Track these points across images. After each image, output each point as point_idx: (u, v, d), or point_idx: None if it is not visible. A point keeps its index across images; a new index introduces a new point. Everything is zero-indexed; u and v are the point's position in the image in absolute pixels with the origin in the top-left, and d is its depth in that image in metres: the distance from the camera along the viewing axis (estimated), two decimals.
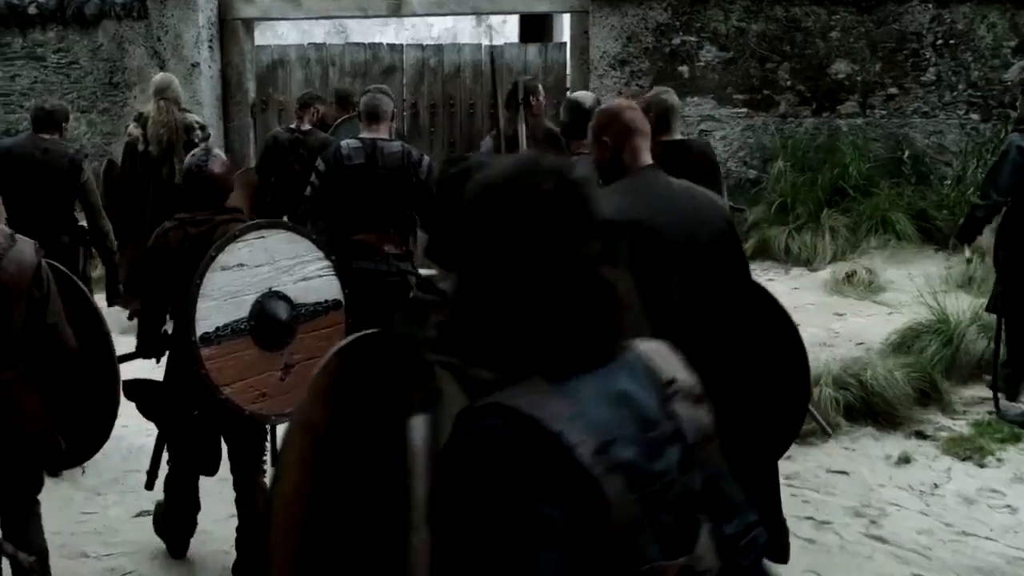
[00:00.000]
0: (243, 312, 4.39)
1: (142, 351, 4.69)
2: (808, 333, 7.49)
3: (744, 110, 10.00)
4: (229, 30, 11.47)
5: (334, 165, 5.68)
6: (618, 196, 3.49)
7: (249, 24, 11.56)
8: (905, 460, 5.56)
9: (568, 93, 10.57)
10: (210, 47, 11.35)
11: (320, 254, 4.70)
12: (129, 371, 4.56)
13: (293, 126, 8.83)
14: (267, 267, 4.49)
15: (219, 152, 4.85)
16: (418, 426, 1.98)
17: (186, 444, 4.62)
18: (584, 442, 1.71)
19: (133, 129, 8.47)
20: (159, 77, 8.77)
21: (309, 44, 11.86)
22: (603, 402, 1.79)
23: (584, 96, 5.44)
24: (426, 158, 5.82)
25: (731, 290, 3.67)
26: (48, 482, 5.49)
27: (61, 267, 4.16)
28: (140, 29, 11.44)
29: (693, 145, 5.91)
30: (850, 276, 8.44)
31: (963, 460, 5.52)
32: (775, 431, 4.14)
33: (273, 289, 4.50)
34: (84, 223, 6.66)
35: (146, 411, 4.68)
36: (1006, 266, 6.04)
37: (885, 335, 7.09)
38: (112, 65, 11.65)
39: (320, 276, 4.66)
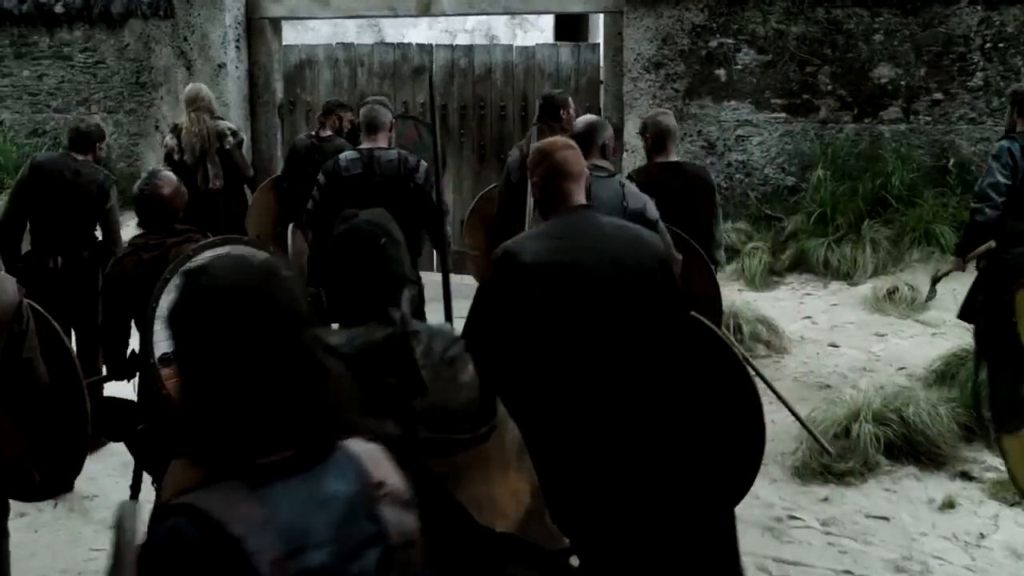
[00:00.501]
0: None
1: (112, 374, 4.88)
2: (847, 356, 7.28)
3: (783, 115, 9.68)
4: (256, 29, 11.27)
5: (332, 178, 5.87)
6: (542, 239, 3.58)
7: (276, 23, 11.35)
8: (949, 505, 5.28)
9: (601, 93, 10.32)
10: (237, 47, 11.16)
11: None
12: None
13: (314, 132, 8.78)
14: None
15: (166, 174, 4.98)
16: (128, 515, 1.97)
17: (156, 459, 4.56)
18: (267, 550, 1.76)
19: (169, 140, 8.62)
20: (189, 88, 8.81)
21: (337, 44, 11.63)
22: (302, 506, 1.84)
23: (588, 120, 5.30)
24: (423, 163, 5.91)
25: (664, 331, 3.58)
26: (57, 515, 5.37)
27: (37, 306, 4.13)
28: (167, 28, 11.27)
29: (688, 168, 5.94)
30: (892, 293, 8.12)
31: (1011, 506, 5.23)
32: (726, 478, 3.99)
33: None
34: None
35: (112, 432, 4.84)
36: (986, 275, 5.90)
37: (928, 360, 6.80)
38: (139, 65, 11.49)
39: None
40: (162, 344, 4.34)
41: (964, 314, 6.08)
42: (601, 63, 10.41)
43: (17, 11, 11.71)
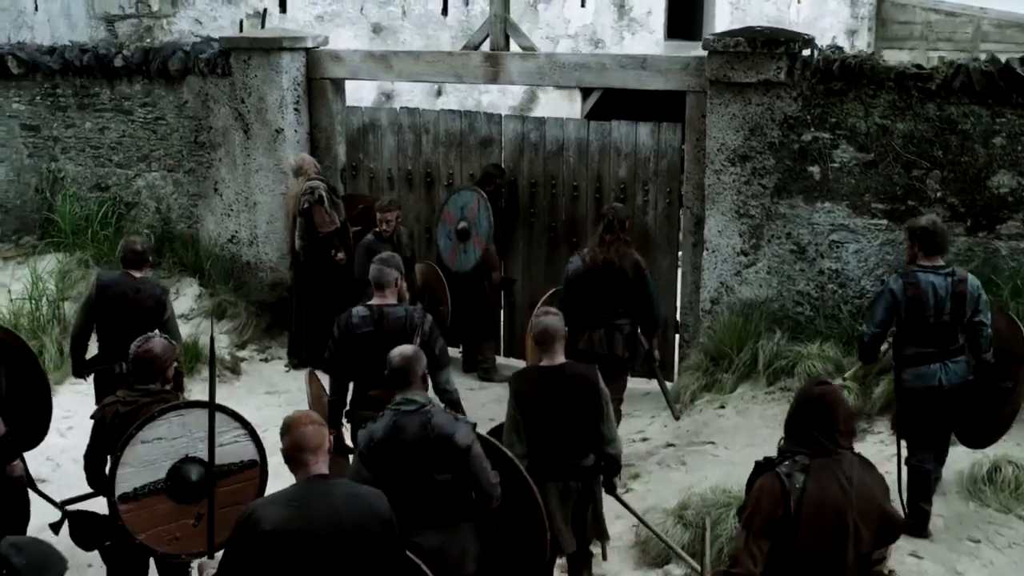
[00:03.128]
0: (160, 475, 5.50)
1: (94, 490, 5.86)
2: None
3: (884, 222, 8.50)
4: (317, 90, 10.52)
5: (345, 332, 6.52)
6: (280, 506, 4.17)
7: (338, 83, 10.57)
8: None
9: (684, 182, 9.30)
10: (296, 110, 10.44)
11: (237, 424, 5.72)
12: None
13: (378, 229, 9.11)
14: (184, 438, 5.55)
15: (158, 339, 5.84)
16: None
17: (123, 567, 5.74)
18: None
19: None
20: (291, 160, 10.11)
21: (402, 109, 10.82)
22: None
23: (404, 354, 5.38)
24: (428, 319, 6.56)
25: None
26: None
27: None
28: (224, 87, 10.63)
29: (569, 371, 5.87)
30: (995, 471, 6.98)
31: None
32: None
33: (189, 455, 5.53)
34: None
35: (85, 542, 5.87)
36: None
37: None
38: (197, 123, 10.90)
39: (236, 442, 5.67)
40: (123, 484, 5.45)
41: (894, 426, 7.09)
42: (683, 146, 9.35)
43: (79, 62, 11.20)
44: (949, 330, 6.47)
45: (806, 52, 8.61)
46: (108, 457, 5.57)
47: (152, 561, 5.76)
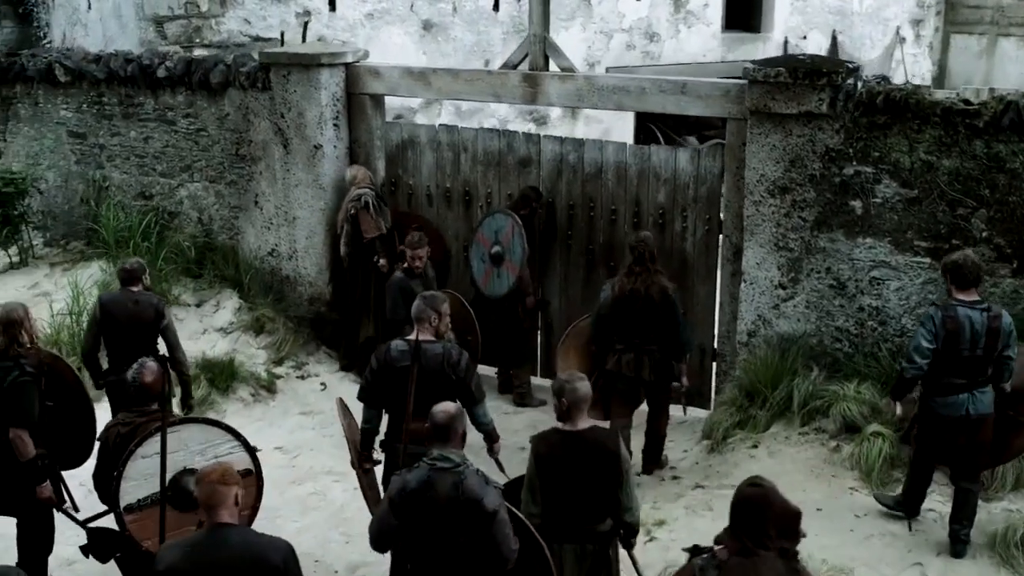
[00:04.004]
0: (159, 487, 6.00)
1: (104, 499, 6.45)
2: None
3: (927, 260, 8.24)
4: (356, 105, 10.45)
5: (384, 365, 6.65)
6: (183, 549, 4.79)
7: (378, 99, 10.48)
8: None
9: (723, 210, 9.11)
10: (335, 125, 10.39)
11: (230, 436, 6.37)
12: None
13: (407, 265, 8.96)
14: (181, 452, 6.14)
15: (151, 364, 6.46)
16: None
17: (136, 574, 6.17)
18: None
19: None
20: (347, 171, 10.26)
21: (440, 126, 10.70)
22: None
23: (449, 412, 5.52)
24: (464, 356, 6.69)
25: None
26: None
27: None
28: (264, 101, 10.60)
29: (590, 437, 5.79)
30: None
31: None
32: None
33: (187, 467, 6.07)
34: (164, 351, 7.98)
35: (99, 555, 6.44)
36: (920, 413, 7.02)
37: None
38: (239, 136, 10.89)
39: (231, 453, 6.28)
40: (127, 497, 6.03)
41: (904, 439, 7.36)
42: (723, 174, 9.14)
43: (123, 71, 11.23)
44: (981, 363, 6.72)
45: (851, 82, 8.35)
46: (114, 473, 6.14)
47: None
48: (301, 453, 9.08)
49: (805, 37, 19.01)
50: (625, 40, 17.20)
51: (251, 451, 6.47)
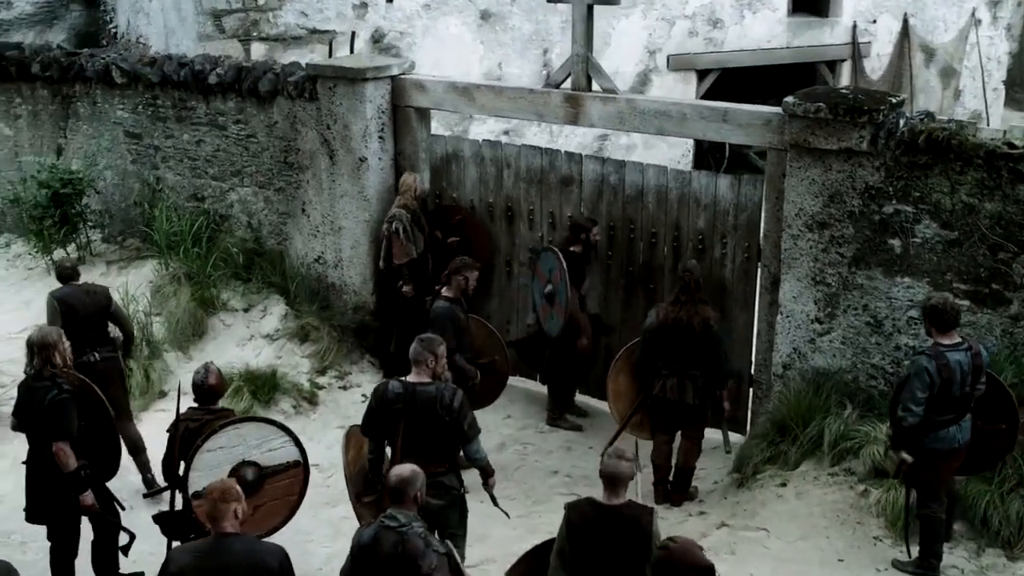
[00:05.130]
0: (222, 476, 6.54)
1: (171, 485, 7.23)
2: None
3: (965, 302, 8.09)
4: (402, 117, 10.49)
5: (381, 403, 6.92)
6: (191, 554, 5.57)
7: (423, 112, 10.51)
8: None
9: (762, 238, 9.03)
10: (380, 138, 10.45)
11: (282, 433, 7.21)
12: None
13: (452, 293, 8.99)
14: (240, 446, 6.96)
15: (214, 367, 7.40)
16: None
17: None
18: None
19: None
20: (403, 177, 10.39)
21: (484, 141, 10.70)
22: None
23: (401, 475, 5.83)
24: (458, 396, 6.89)
25: None
26: None
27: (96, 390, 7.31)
28: (312, 111, 10.69)
29: (627, 512, 5.89)
30: None
31: None
32: None
33: (245, 459, 6.95)
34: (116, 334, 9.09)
35: (170, 533, 7.15)
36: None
37: None
38: (287, 144, 11.01)
39: (283, 447, 7.16)
40: (194, 485, 6.77)
41: (896, 474, 7.43)
42: (763, 203, 9.04)
43: (176, 76, 11.38)
44: (968, 398, 7.07)
45: (893, 120, 8.19)
46: (181, 462, 7.03)
47: None
48: (336, 472, 9.23)
49: (875, 21, 18.54)
50: (687, 27, 16.95)
51: (300, 445, 7.28)
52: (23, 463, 7.41)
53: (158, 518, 7.28)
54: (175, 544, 6.84)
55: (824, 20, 18.21)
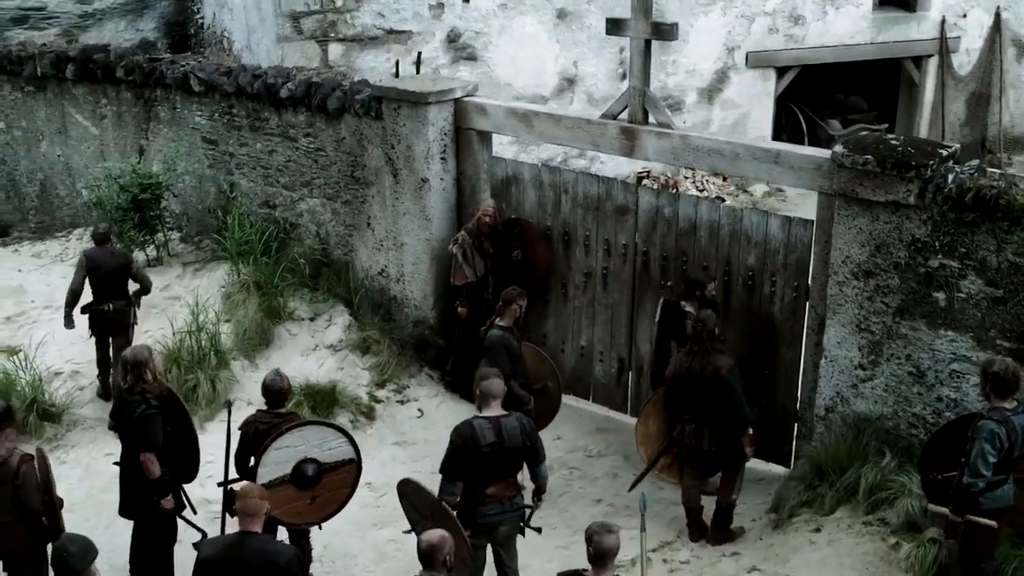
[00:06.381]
0: (287, 471, 7.72)
1: (242, 477, 8.00)
2: None
3: (1009, 360, 8.09)
4: (464, 139, 10.71)
5: (471, 443, 7.40)
6: (213, 545, 6.57)
7: (484, 134, 10.71)
8: None
9: (811, 279, 9.09)
10: (443, 159, 10.69)
11: (339, 434, 8.00)
12: None
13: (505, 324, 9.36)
14: (303, 446, 7.78)
15: (284, 373, 8.24)
16: None
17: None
18: None
19: None
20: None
21: (543, 166, 10.88)
22: None
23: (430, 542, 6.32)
24: (530, 421, 7.79)
25: None
26: None
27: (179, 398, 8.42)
28: (377, 130, 10.95)
29: None
30: None
31: None
32: None
33: (307, 457, 7.77)
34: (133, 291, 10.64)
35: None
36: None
37: None
38: (354, 159, 11.31)
39: (340, 446, 7.94)
40: (262, 479, 7.53)
41: (950, 534, 7.45)
42: (812, 246, 9.09)
43: (250, 88, 11.72)
44: (1021, 459, 7.21)
45: (942, 174, 8.16)
46: (251, 457, 7.86)
47: (283, 528, 8.01)
48: (388, 492, 9.55)
49: (965, 15, 18.17)
50: (767, 24, 16.83)
51: (355, 444, 8.02)
52: (115, 464, 8.29)
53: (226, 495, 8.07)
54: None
55: (911, 15, 17.89)
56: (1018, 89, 19.05)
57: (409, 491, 7.69)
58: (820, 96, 18.30)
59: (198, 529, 8.21)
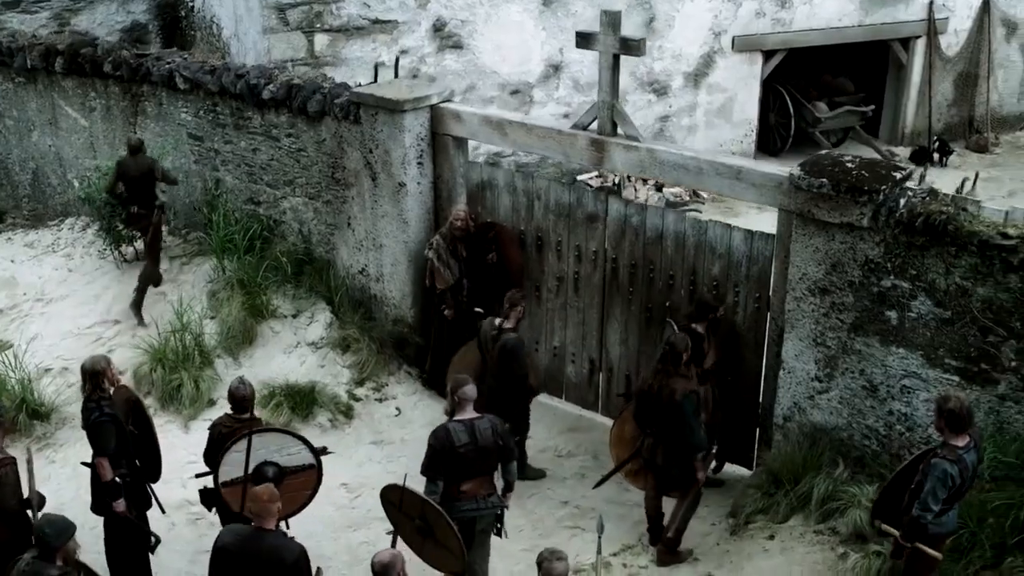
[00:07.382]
0: (244, 472, 8.21)
1: (211, 470, 8.48)
2: None
3: (955, 378, 8.37)
4: (440, 145, 10.94)
5: (448, 444, 7.93)
6: (230, 535, 7.09)
7: (460, 140, 10.93)
8: None
9: (771, 291, 9.34)
10: (419, 163, 10.92)
11: (298, 441, 8.47)
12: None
13: (498, 321, 9.70)
14: (263, 450, 8.24)
15: (248, 381, 8.65)
16: None
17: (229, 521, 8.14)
18: None
19: None
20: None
21: (517, 173, 11.10)
22: None
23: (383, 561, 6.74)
24: (504, 424, 8.31)
25: None
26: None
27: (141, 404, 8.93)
28: (356, 134, 11.18)
29: None
30: None
31: None
32: None
33: (267, 460, 8.24)
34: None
35: (207, 504, 8.67)
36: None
37: None
38: (334, 161, 11.54)
39: (299, 453, 8.40)
40: (224, 477, 8.21)
41: (895, 555, 7.68)
42: (772, 261, 9.33)
43: (233, 87, 11.93)
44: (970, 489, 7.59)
45: (894, 199, 8.39)
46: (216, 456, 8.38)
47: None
48: (363, 492, 9.92)
49: None
50: (754, 8, 16.91)
51: (314, 451, 8.47)
52: (83, 464, 8.58)
53: (201, 493, 8.69)
54: (212, 510, 8.69)
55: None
56: (1007, 69, 19.12)
57: (394, 496, 8.02)
58: (807, 78, 18.40)
59: (151, 533, 8.60)
